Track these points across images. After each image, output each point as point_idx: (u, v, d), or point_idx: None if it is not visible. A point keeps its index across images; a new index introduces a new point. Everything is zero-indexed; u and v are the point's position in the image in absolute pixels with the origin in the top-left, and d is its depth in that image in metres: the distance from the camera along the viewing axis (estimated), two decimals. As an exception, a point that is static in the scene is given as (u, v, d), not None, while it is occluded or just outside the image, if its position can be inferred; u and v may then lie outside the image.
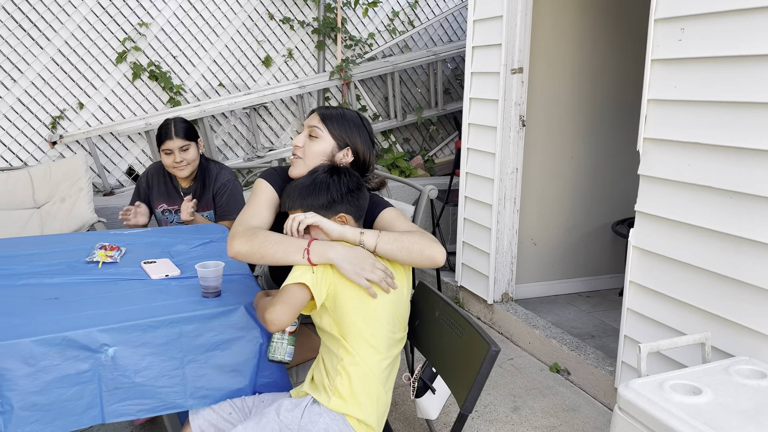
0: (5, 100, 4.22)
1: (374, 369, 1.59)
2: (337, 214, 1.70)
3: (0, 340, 1.46)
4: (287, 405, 1.59)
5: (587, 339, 3.21)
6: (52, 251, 2.17)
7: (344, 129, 1.90)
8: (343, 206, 1.70)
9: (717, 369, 1.82)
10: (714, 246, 2.14)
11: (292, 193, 1.73)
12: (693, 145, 2.19)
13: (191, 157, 2.75)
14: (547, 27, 3.50)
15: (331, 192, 1.69)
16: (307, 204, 1.69)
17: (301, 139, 1.90)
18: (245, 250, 1.64)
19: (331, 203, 1.68)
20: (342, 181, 1.72)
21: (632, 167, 2.73)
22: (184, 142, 2.72)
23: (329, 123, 1.90)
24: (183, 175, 2.77)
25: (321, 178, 1.72)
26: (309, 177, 1.74)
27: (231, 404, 1.69)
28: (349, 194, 1.71)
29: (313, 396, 1.60)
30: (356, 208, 1.73)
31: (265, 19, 4.84)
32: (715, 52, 2.10)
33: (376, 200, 1.90)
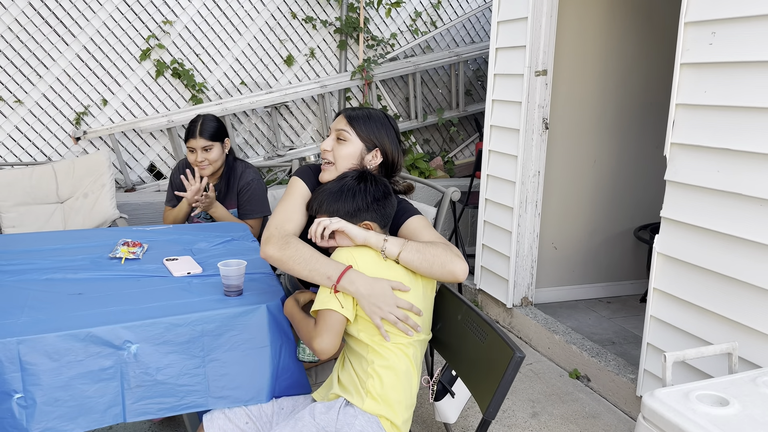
0: (31, 96, 4.27)
1: (404, 371, 1.60)
2: (362, 221, 1.70)
3: (24, 334, 1.47)
4: (320, 408, 1.59)
5: (608, 345, 3.17)
6: (75, 246, 2.18)
7: (372, 130, 1.88)
8: (368, 214, 1.70)
9: (744, 380, 1.78)
10: (742, 254, 2.10)
11: (319, 198, 1.74)
12: (722, 150, 2.15)
13: (213, 157, 2.75)
14: (572, 29, 3.47)
15: (357, 200, 1.70)
16: (332, 210, 1.70)
17: (330, 143, 1.88)
18: (276, 257, 1.66)
19: (356, 211, 1.69)
20: (369, 189, 1.72)
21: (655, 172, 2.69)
22: (207, 143, 2.72)
23: (356, 125, 1.87)
24: (204, 174, 2.77)
25: (348, 184, 1.72)
26: (337, 183, 1.75)
27: (247, 413, 1.67)
28: (375, 203, 1.71)
29: (345, 398, 1.60)
30: (382, 217, 1.73)
31: (288, 18, 4.85)
32: (747, 56, 2.06)
33: (403, 206, 1.87)
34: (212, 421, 1.65)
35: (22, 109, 4.27)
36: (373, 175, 1.77)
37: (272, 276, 1.93)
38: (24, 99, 4.26)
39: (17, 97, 4.24)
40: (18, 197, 3.36)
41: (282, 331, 1.72)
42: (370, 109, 1.95)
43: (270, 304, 1.71)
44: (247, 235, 2.39)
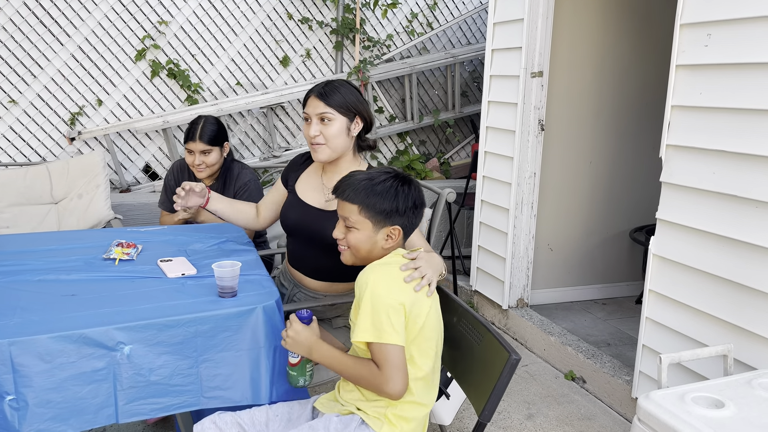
0: (25, 96, 4.25)
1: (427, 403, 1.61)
2: (393, 225, 1.61)
3: (16, 336, 1.46)
4: (336, 423, 1.56)
5: (603, 347, 3.17)
6: (69, 247, 2.17)
7: (347, 101, 2.01)
8: (402, 219, 1.62)
9: (740, 382, 1.78)
10: (738, 256, 2.10)
11: (353, 185, 1.62)
12: (718, 152, 2.15)
13: (211, 161, 2.74)
14: (568, 30, 3.47)
15: (397, 201, 1.61)
16: (369, 203, 1.59)
17: (316, 128, 1.99)
18: None
19: (392, 212, 1.60)
20: (411, 193, 1.63)
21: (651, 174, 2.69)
22: (206, 147, 2.70)
23: (333, 102, 1.99)
24: (201, 176, 2.77)
25: (391, 182, 1.62)
26: (377, 175, 1.64)
27: (239, 421, 1.63)
28: (413, 209, 1.64)
29: (362, 417, 1.57)
30: (411, 225, 1.67)
31: (284, 19, 4.84)
32: (742, 58, 2.06)
33: None
34: (202, 431, 1.61)
35: (17, 110, 4.25)
36: (411, 178, 1.68)
37: (267, 277, 1.92)
38: (18, 99, 4.24)
39: (11, 97, 4.22)
40: (12, 198, 3.34)
41: (276, 332, 1.71)
42: (333, 81, 2.04)
43: (264, 305, 1.70)
44: (242, 237, 2.38)
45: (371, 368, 1.51)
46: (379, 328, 1.49)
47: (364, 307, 1.52)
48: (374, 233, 1.61)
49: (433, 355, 1.60)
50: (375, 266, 1.59)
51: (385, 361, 1.48)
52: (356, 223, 1.61)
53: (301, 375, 1.67)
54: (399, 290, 1.54)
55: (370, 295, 1.51)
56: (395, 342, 1.48)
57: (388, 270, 1.58)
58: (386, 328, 1.48)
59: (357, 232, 1.61)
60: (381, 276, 1.55)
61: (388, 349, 1.48)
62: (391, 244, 1.64)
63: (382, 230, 1.61)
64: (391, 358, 1.48)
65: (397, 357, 1.49)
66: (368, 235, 1.61)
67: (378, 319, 1.49)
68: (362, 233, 1.61)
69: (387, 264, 1.60)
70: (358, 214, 1.60)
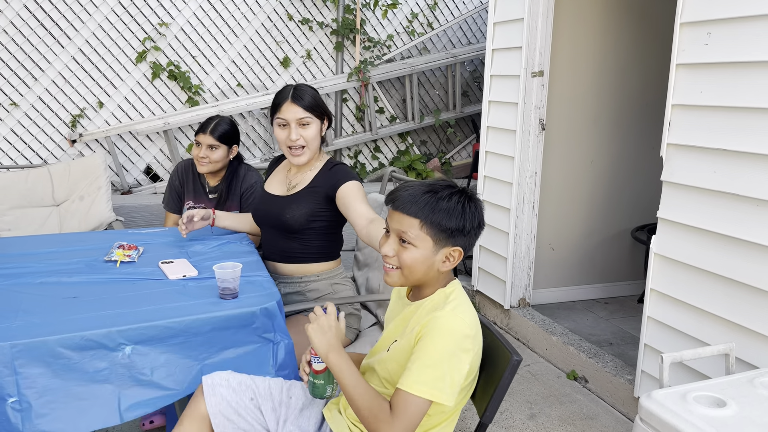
0: (26, 98, 4.26)
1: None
2: (455, 246, 1.46)
3: (19, 338, 1.46)
4: None
5: (605, 346, 3.17)
6: (70, 250, 2.18)
7: (317, 104, 2.14)
8: (464, 240, 1.46)
9: (741, 381, 1.77)
10: (739, 255, 2.09)
11: (416, 197, 1.45)
12: (719, 151, 2.15)
13: (215, 158, 2.72)
14: (568, 30, 3.47)
15: (464, 219, 1.44)
16: (433, 219, 1.42)
17: (296, 133, 2.10)
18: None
19: (457, 232, 1.44)
20: (476, 212, 1.47)
21: (653, 173, 2.69)
22: (214, 142, 2.70)
23: (308, 106, 2.11)
24: (201, 171, 2.76)
25: (456, 198, 1.45)
26: (440, 189, 1.47)
27: (254, 389, 1.60)
28: (477, 228, 1.48)
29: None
30: (470, 246, 1.50)
31: (284, 20, 4.85)
32: (743, 57, 2.06)
33: (344, 169, 2.14)
34: (213, 388, 1.57)
35: (18, 112, 4.26)
36: (475, 195, 1.53)
37: (268, 279, 1.93)
38: (20, 102, 4.25)
39: (13, 100, 4.23)
40: (14, 200, 3.35)
41: (277, 333, 1.71)
42: (299, 86, 2.14)
43: (265, 306, 1.70)
44: (243, 238, 2.38)
45: (383, 407, 1.38)
46: (438, 387, 1.36)
47: (427, 357, 1.37)
48: (433, 253, 1.45)
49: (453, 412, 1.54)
50: (454, 315, 1.41)
51: (404, 411, 1.36)
52: (415, 239, 1.43)
53: (329, 383, 1.51)
54: (472, 346, 1.43)
55: (442, 351, 1.37)
56: (442, 401, 1.37)
57: (463, 321, 1.42)
58: (444, 389, 1.36)
59: (414, 250, 1.44)
60: (461, 329, 1.40)
61: (418, 403, 1.36)
62: (448, 267, 1.48)
63: (443, 250, 1.45)
64: (412, 411, 1.36)
65: (420, 413, 1.37)
66: (426, 254, 1.44)
67: (440, 375, 1.36)
68: (420, 252, 1.44)
69: (463, 312, 1.44)
70: (419, 229, 1.43)
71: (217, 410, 1.56)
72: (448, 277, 1.53)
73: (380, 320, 2.40)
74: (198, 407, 1.57)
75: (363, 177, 5.18)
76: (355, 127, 5.23)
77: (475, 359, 1.48)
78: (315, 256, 2.22)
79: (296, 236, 2.17)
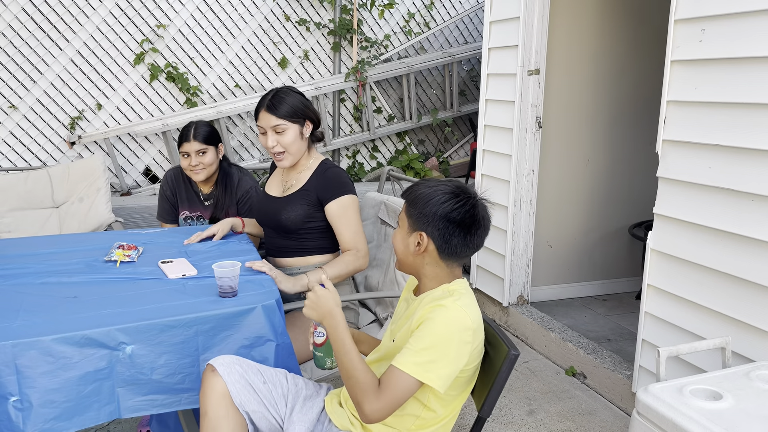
0: (25, 101, 4.27)
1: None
2: (420, 231, 1.50)
3: (20, 338, 1.47)
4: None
5: (603, 343, 3.18)
6: (70, 250, 2.19)
7: (294, 109, 2.17)
8: (431, 228, 1.49)
9: (737, 374, 1.79)
10: (734, 249, 2.11)
11: (416, 184, 1.56)
12: (713, 147, 2.17)
13: (208, 161, 2.67)
14: (564, 28, 3.48)
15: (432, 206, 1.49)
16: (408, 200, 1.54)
17: (272, 140, 2.18)
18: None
19: (422, 216, 1.50)
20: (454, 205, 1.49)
21: (650, 169, 2.70)
22: (201, 146, 2.65)
23: (283, 113, 2.15)
24: (198, 179, 2.70)
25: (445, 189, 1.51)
26: (442, 182, 1.55)
27: (263, 374, 1.60)
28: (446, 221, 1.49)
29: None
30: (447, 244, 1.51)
31: (281, 21, 4.86)
32: (736, 53, 2.07)
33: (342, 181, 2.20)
34: (229, 366, 1.55)
35: (17, 115, 4.27)
36: (475, 196, 1.55)
37: (267, 277, 1.94)
38: (18, 104, 4.26)
39: (11, 103, 4.24)
40: (13, 202, 3.36)
41: (276, 331, 1.72)
42: (279, 92, 2.19)
43: (265, 304, 1.71)
44: (242, 237, 2.40)
45: (372, 381, 1.42)
46: (429, 369, 1.39)
47: (427, 342, 1.40)
48: (408, 235, 1.53)
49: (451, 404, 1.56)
50: (456, 306, 1.44)
51: (392, 387, 1.39)
52: (400, 219, 1.57)
53: (328, 355, 1.61)
54: (473, 339, 1.46)
55: (440, 336, 1.40)
56: (426, 382, 1.40)
57: (466, 314, 1.45)
58: (437, 372, 1.39)
59: (398, 230, 1.57)
60: (462, 319, 1.43)
61: (408, 382, 1.39)
62: (419, 253, 1.52)
63: (414, 234, 1.52)
64: (399, 389, 1.39)
65: (406, 392, 1.40)
66: (403, 235, 1.54)
67: (434, 358, 1.40)
68: (399, 232, 1.56)
69: (466, 305, 1.47)
70: (404, 210, 1.56)
71: (239, 386, 1.54)
72: (447, 275, 1.56)
73: (379, 318, 2.41)
74: (215, 388, 1.52)
75: (361, 176, 5.19)
76: (353, 126, 5.25)
77: (475, 354, 1.49)
78: (312, 251, 2.28)
79: (293, 235, 2.24)
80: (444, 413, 1.54)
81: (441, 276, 1.55)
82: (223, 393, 1.53)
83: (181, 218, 2.81)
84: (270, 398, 1.59)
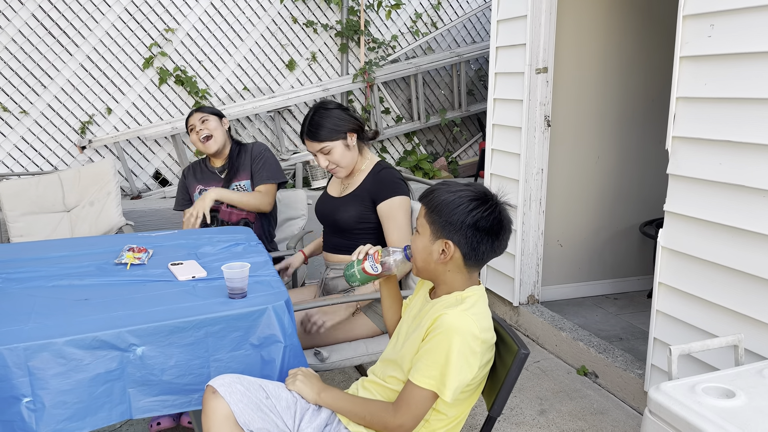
0: (36, 106, 4.31)
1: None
2: (447, 239, 1.48)
3: (32, 340, 1.48)
4: None
5: (615, 342, 3.16)
6: (81, 253, 2.20)
7: (331, 130, 2.24)
8: (458, 236, 1.47)
9: (750, 372, 1.77)
10: (746, 246, 2.09)
11: (435, 188, 1.54)
12: (724, 143, 2.15)
13: (212, 126, 2.83)
14: (572, 25, 3.47)
15: (457, 214, 1.46)
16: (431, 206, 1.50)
17: (323, 160, 2.29)
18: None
19: (449, 224, 1.47)
20: (480, 212, 1.46)
21: (660, 167, 2.69)
22: (202, 114, 2.84)
23: (322, 137, 2.24)
24: (210, 151, 2.84)
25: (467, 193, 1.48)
26: (462, 185, 1.52)
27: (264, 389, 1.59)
28: (474, 229, 1.46)
29: None
30: (474, 252, 1.49)
31: (289, 23, 4.87)
32: (745, 48, 2.05)
33: (389, 180, 2.24)
34: (230, 386, 1.52)
35: (28, 120, 4.31)
36: (497, 200, 1.51)
37: (277, 278, 1.94)
38: (29, 109, 4.30)
39: (22, 108, 4.28)
40: (25, 207, 3.38)
41: (285, 332, 1.72)
42: (314, 115, 2.25)
43: (274, 305, 1.71)
44: (251, 238, 2.41)
45: (383, 406, 1.49)
46: (445, 383, 1.40)
47: (437, 355, 1.41)
48: (431, 243, 1.49)
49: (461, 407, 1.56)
50: (465, 315, 1.44)
51: (412, 402, 1.43)
52: (420, 226, 1.52)
53: (361, 282, 1.66)
54: (481, 349, 1.46)
55: (448, 348, 1.40)
56: (440, 395, 1.42)
57: (474, 323, 1.44)
58: (450, 384, 1.40)
59: (417, 236, 1.53)
60: (470, 328, 1.43)
61: (426, 395, 1.43)
62: (444, 261, 1.49)
63: (438, 241, 1.48)
64: (419, 402, 1.43)
65: (426, 405, 1.43)
66: (425, 243, 1.50)
67: (448, 372, 1.40)
68: (421, 240, 1.51)
69: (475, 314, 1.47)
70: (423, 216, 1.51)
71: (242, 405, 1.51)
72: (466, 281, 1.54)
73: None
74: (217, 410, 1.49)
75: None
76: (361, 128, 5.25)
77: (484, 362, 1.50)
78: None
79: (347, 234, 2.32)
80: (454, 414, 1.54)
81: (459, 282, 1.54)
82: (226, 415, 1.49)
83: (195, 193, 2.91)
84: (275, 412, 1.56)
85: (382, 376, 1.62)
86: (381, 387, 1.60)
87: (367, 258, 1.64)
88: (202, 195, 2.67)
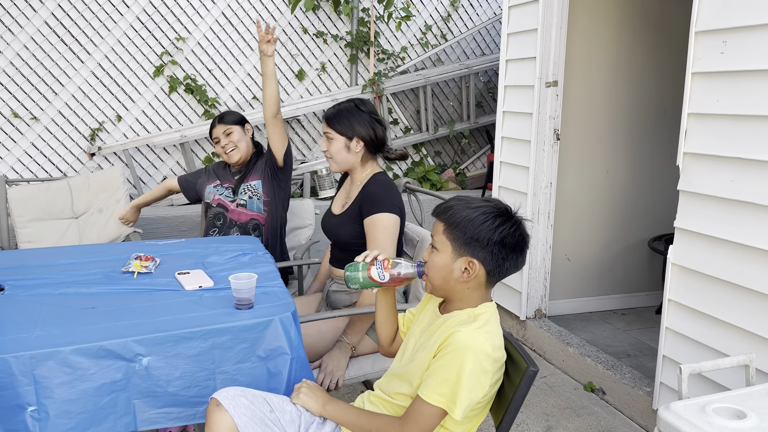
0: (46, 112, 4.34)
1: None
2: (472, 258, 1.44)
3: (38, 348, 1.48)
4: None
5: (623, 358, 3.13)
6: (89, 261, 2.20)
7: (344, 123, 2.23)
8: (483, 253, 1.44)
9: (762, 392, 1.74)
10: (758, 264, 2.07)
11: (452, 204, 1.50)
12: (736, 160, 2.13)
13: (235, 138, 2.88)
14: (582, 39, 3.46)
15: (483, 231, 1.42)
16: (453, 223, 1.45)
17: (324, 144, 2.30)
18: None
19: (475, 241, 1.43)
20: (505, 229, 1.44)
21: (670, 182, 2.67)
22: (226, 127, 2.88)
23: (332, 123, 2.24)
24: (233, 160, 2.90)
25: (489, 209, 1.45)
26: (482, 201, 1.49)
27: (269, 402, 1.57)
28: (500, 246, 1.43)
29: None
30: (497, 268, 1.46)
31: (299, 33, 4.90)
32: (758, 65, 2.04)
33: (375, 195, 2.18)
34: (234, 399, 1.50)
35: (38, 126, 4.33)
36: (518, 217, 1.49)
37: (284, 289, 1.93)
38: (40, 116, 4.32)
39: (33, 114, 4.30)
40: (34, 213, 3.40)
41: (292, 344, 1.71)
42: (342, 103, 2.25)
43: (281, 317, 1.71)
44: (259, 248, 2.40)
45: (388, 420, 1.49)
46: (455, 401, 1.39)
47: (449, 373, 1.39)
48: (452, 260, 1.45)
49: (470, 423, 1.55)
50: (478, 333, 1.41)
51: (419, 418, 1.42)
52: (438, 243, 1.47)
53: (363, 287, 1.60)
54: (492, 369, 1.44)
55: (461, 366, 1.38)
56: (450, 413, 1.40)
57: (487, 341, 1.42)
58: (461, 402, 1.39)
59: (436, 254, 1.48)
60: (483, 347, 1.40)
61: (434, 412, 1.41)
62: (466, 279, 1.46)
63: (461, 259, 1.44)
64: (426, 419, 1.42)
65: (434, 422, 1.43)
66: (446, 261, 1.46)
67: (459, 390, 1.38)
68: (441, 257, 1.47)
69: (488, 333, 1.45)
70: (441, 233, 1.47)
71: (246, 419, 1.49)
72: (481, 298, 1.52)
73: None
74: (221, 423, 1.47)
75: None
76: (369, 138, 5.25)
77: (495, 380, 1.48)
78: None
79: (348, 250, 2.26)
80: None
81: (475, 298, 1.51)
82: (230, 428, 1.47)
83: (210, 186, 2.98)
84: (280, 426, 1.55)
85: (388, 391, 1.60)
86: (388, 403, 1.58)
87: (374, 264, 1.58)
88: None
